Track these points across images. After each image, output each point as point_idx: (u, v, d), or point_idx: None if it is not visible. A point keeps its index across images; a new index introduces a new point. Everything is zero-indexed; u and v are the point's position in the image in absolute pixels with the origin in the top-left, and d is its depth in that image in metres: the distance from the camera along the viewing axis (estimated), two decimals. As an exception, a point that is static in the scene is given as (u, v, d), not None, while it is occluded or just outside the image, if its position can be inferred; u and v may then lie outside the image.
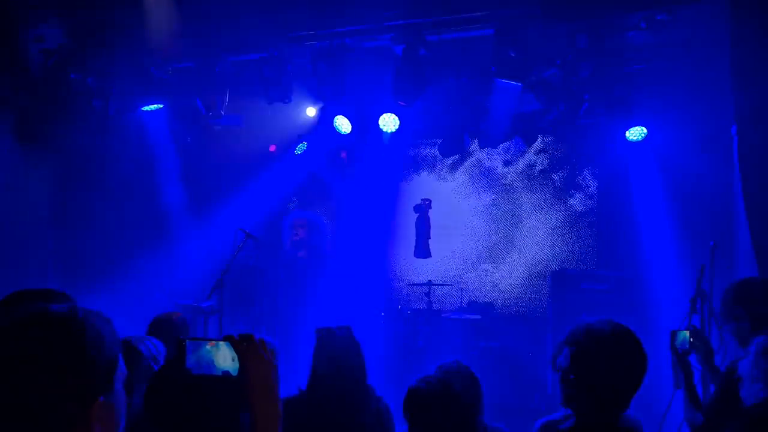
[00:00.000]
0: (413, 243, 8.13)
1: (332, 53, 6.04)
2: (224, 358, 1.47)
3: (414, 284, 7.79)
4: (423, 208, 7.74)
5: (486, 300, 7.80)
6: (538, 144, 7.48)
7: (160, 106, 6.95)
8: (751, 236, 4.15)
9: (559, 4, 4.51)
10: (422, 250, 7.84)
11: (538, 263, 7.76)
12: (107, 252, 7.22)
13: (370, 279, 8.23)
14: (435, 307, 7.50)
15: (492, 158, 8.07)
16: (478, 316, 7.46)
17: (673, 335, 3.20)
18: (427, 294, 7.45)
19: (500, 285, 7.85)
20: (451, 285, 7.67)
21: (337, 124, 7.13)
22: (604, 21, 5.02)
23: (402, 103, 6.08)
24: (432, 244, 8.06)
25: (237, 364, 1.47)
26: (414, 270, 8.18)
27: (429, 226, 7.93)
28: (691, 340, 3.14)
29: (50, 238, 7.12)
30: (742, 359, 2.37)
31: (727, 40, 4.28)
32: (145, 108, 6.93)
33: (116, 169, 7.50)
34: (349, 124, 7.10)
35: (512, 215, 7.96)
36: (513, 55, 5.35)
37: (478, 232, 8.13)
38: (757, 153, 4.11)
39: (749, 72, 4.16)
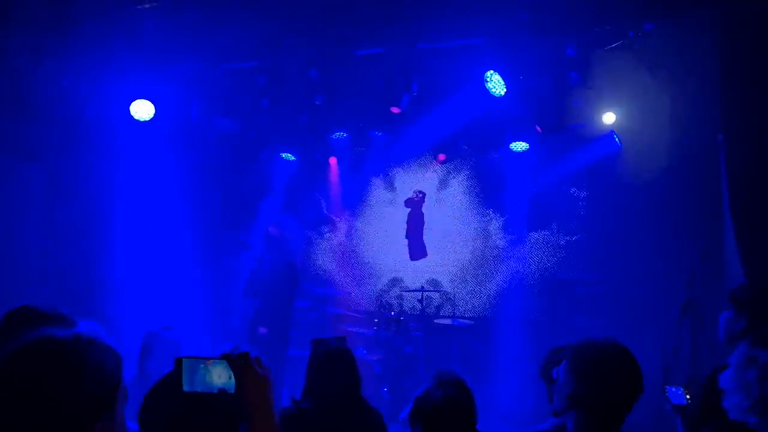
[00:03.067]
0: (405, 250, 8.12)
1: (325, 61, 6.08)
2: (220, 376, 1.51)
3: (407, 290, 7.81)
4: (416, 203, 7.54)
5: (479, 306, 7.83)
6: (527, 148, 7.52)
7: (152, 112, 6.95)
8: (737, 243, 4.21)
9: (549, 16, 4.56)
10: (417, 250, 7.63)
11: (531, 268, 7.79)
12: (97, 262, 7.19)
13: (361, 285, 8.28)
14: (428, 313, 7.52)
15: (482, 162, 8.09)
16: (471, 322, 7.49)
17: (665, 391, 3.14)
18: (420, 300, 7.49)
19: (493, 290, 7.87)
20: (443, 291, 7.70)
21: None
22: (593, 31, 5.08)
23: (395, 110, 6.12)
24: (426, 250, 8.06)
25: (233, 382, 1.50)
26: (407, 276, 8.21)
27: (422, 223, 7.72)
28: (688, 396, 3.10)
29: (39, 247, 7.09)
30: (723, 371, 2.41)
31: (714, 49, 4.34)
32: (135, 116, 6.92)
33: (107, 176, 7.49)
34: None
35: (503, 220, 7.98)
36: (503, 63, 5.41)
37: (470, 237, 8.16)
38: (744, 160, 4.17)
39: (737, 81, 4.22)
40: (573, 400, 2.03)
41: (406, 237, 8.07)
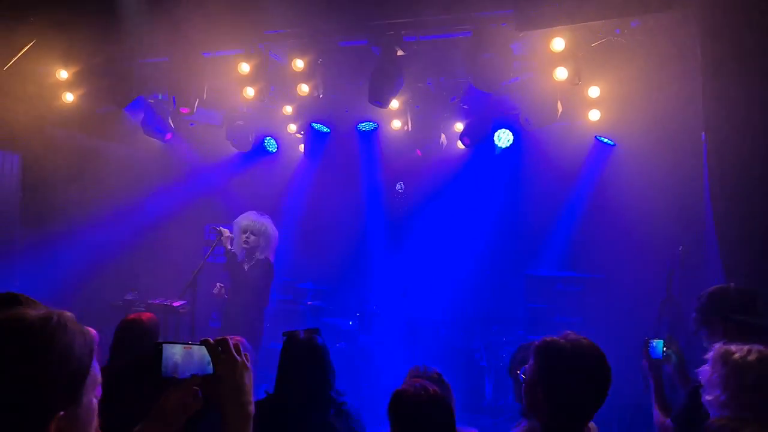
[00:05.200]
0: (387, 244, 8.13)
1: (309, 52, 6.00)
2: (199, 361, 1.50)
3: (389, 285, 7.79)
4: (398, 196, 7.56)
5: (460, 302, 7.80)
6: (513, 145, 7.52)
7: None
8: (717, 241, 4.22)
9: (533, 11, 4.52)
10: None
11: (512, 266, 7.78)
12: (77, 250, 7.10)
13: (347, 279, 8.24)
14: (409, 308, 7.51)
15: (466, 158, 8.06)
16: (453, 318, 7.49)
17: (647, 343, 3.21)
18: (402, 295, 7.47)
19: (475, 286, 7.85)
20: (425, 287, 7.68)
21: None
22: (580, 27, 5.07)
23: (378, 103, 6.05)
24: (406, 244, 8.08)
25: (211, 368, 1.49)
26: (389, 271, 8.18)
27: (404, 216, 7.85)
28: (665, 349, 3.16)
29: (18, 235, 6.97)
30: (704, 366, 2.42)
31: (696, 47, 4.35)
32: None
33: (88, 165, 7.38)
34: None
35: (487, 217, 7.97)
36: (489, 57, 5.36)
37: (450, 233, 8.13)
38: (725, 158, 4.18)
39: (719, 79, 4.23)
40: (540, 400, 2.00)
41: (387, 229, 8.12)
